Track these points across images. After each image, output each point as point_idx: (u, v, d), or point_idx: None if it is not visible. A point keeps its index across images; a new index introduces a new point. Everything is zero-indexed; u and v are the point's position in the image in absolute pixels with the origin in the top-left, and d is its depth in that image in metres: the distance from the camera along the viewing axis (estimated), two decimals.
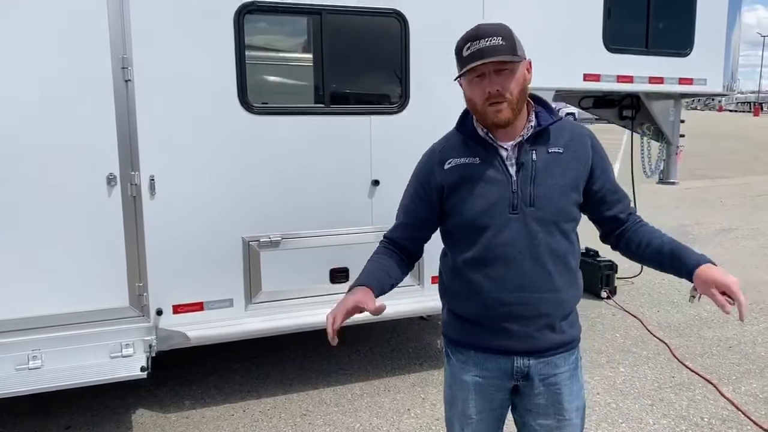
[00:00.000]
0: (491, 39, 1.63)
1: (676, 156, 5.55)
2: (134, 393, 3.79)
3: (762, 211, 10.03)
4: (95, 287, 3.22)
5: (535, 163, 1.72)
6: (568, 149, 1.76)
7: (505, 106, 1.67)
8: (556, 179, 1.72)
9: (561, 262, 1.75)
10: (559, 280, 1.75)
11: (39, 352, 3.15)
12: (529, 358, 1.78)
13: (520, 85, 1.68)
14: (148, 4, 3.12)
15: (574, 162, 1.75)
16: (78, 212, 3.14)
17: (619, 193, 1.86)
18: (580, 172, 1.76)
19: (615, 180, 1.85)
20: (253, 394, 3.86)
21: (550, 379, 1.81)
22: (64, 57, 3.02)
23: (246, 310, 3.52)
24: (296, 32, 3.83)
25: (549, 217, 1.72)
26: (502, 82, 1.66)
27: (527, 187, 1.71)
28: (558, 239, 1.74)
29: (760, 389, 3.91)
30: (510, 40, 1.66)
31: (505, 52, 1.63)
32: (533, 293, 1.73)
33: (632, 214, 1.89)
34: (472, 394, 1.85)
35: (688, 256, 1.75)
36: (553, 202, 1.72)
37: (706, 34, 4.76)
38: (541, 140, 1.75)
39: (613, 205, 1.85)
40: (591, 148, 1.79)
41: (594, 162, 1.78)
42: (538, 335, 1.76)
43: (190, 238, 3.35)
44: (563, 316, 1.79)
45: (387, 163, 3.67)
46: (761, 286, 6.06)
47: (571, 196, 1.75)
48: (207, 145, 3.33)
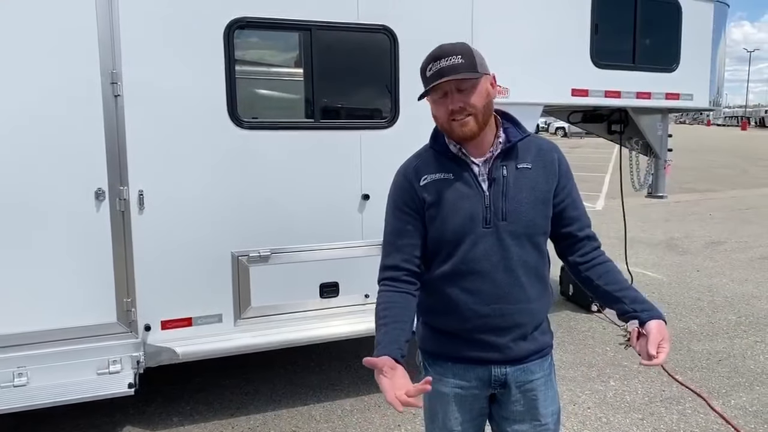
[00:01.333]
0: (450, 58, 1.68)
1: (664, 170, 5.60)
2: (122, 410, 3.75)
3: (750, 225, 10.11)
4: (83, 303, 3.20)
5: (506, 179, 1.76)
6: (536, 164, 1.79)
7: (470, 119, 1.71)
8: (525, 194, 1.76)
9: (533, 274, 1.80)
10: (532, 291, 1.79)
11: (25, 369, 3.11)
12: (506, 366, 1.82)
13: (483, 99, 1.72)
14: (138, 19, 3.13)
15: (542, 176, 1.79)
16: (66, 227, 3.12)
17: (579, 211, 1.87)
18: (548, 185, 1.79)
19: (577, 197, 1.87)
20: (243, 410, 3.83)
21: (526, 385, 1.85)
22: (54, 73, 3.02)
23: (235, 326, 3.50)
24: (286, 48, 3.85)
25: (520, 230, 1.75)
26: (464, 98, 1.70)
27: (499, 201, 1.74)
28: (529, 251, 1.78)
29: (749, 402, 3.92)
30: (469, 57, 1.70)
31: (464, 70, 1.68)
32: (509, 305, 1.77)
33: (591, 237, 1.88)
34: (453, 405, 1.87)
35: (644, 307, 1.76)
36: (524, 216, 1.75)
37: (692, 50, 4.82)
38: (510, 156, 1.78)
39: (572, 221, 1.85)
40: (557, 161, 1.82)
41: (560, 175, 1.82)
42: (513, 345, 1.80)
43: (179, 253, 3.34)
44: (536, 325, 1.84)
45: (377, 178, 3.67)
46: (750, 299, 6.09)
47: (541, 210, 1.78)
48: (196, 160, 3.33)
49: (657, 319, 1.72)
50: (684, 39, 4.78)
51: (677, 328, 5.32)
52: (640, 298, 1.78)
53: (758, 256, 7.93)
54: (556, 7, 4.24)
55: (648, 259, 7.79)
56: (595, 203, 12.04)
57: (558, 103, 4.51)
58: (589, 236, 1.87)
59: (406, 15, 3.66)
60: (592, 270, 1.84)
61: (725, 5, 5.10)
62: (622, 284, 1.82)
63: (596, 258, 1.86)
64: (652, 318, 1.72)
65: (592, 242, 1.88)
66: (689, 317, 5.60)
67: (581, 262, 1.86)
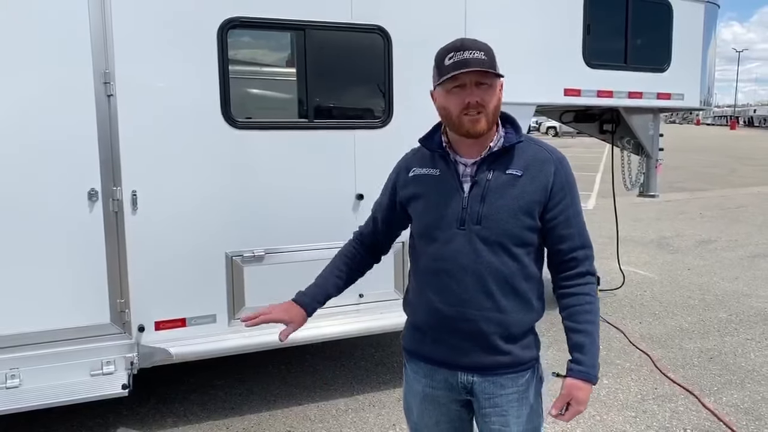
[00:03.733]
0: (474, 52, 1.66)
1: (656, 169, 5.64)
2: (115, 411, 3.73)
3: (740, 223, 10.20)
4: (76, 304, 3.18)
5: (488, 183, 1.72)
6: (527, 172, 1.73)
7: (482, 117, 1.69)
8: (507, 201, 1.70)
9: (506, 284, 1.73)
10: (504, 302, 1.73)
11: (17, 370, 3.09)
12: (473, 374, 1.78)
13: (496, 100, 1.71)
14: (130, 19, 3.12)
15: (530, 186, 1.72)
16: (59, 228, 3.10)
17: (573, 230, 1.76)
18: (536, 197, 1.72)
19: (574, 216, 1.77)
20: (237, 411, 3.82)
21: (494, 399, 1.79)
22: (46, 72, 3.00)
23: (229, 326, 3.49)
24: (280, 47, 3.85)
25: (494, 237, 1.71)
26: (482, 94, 1.68)
27: (476, 204, 1.72)
28: (504, 260, 1.72)
29: (740, 400, 3.95)
30: (491, 56, 1.68)
31: (488, 66, 1.66)
32: (473, 310, 1.73)
33: (578, 261, 1.78)
34: (426, 404, 1.88)
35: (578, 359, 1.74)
36: (500, 224, 1.70)
37: (682, 50, 4.86)
38: (501, 160, 1.74)
39: (562, 240, 1.76)
40: (553, 174, 1.73)
41: (553, 189, 1.73)
42: (479, 352, 1.76)
43: (173, 254, 3.32)
44: (507, 337, 1.76)
45: (371, 178, 3.66)
46: (741, 297, 6.15)
47: (522, 220, 1.71)
48: (190, 160, 3.32)
49: (577, 379, 1.71)
50: (675, 39, 4.81)
51: (669, 326, 5.36)
52: (581, 346, 1.74)
53: (748, 254, 7.99)
54: (549, 7, 4.26)
55: (639, 257, 7.84)
56: (587, 202, 12.10)
57: (551, 102, 4.53)
58: (576, 259, 1.78)
59: (399, 15, 3.67)
60: (564, 297, 1.79)
61: (715, 6, 5.15)
62: (577, 325, 1.76)
63: (572, 287, 1.78)
64: (574, 376, 1.72)
65: (578, 267, 1.78)
66: (681, 315, 5.64)
67: (559, 284, 1.81)
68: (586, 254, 1.79)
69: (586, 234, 1.80)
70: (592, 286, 1.79)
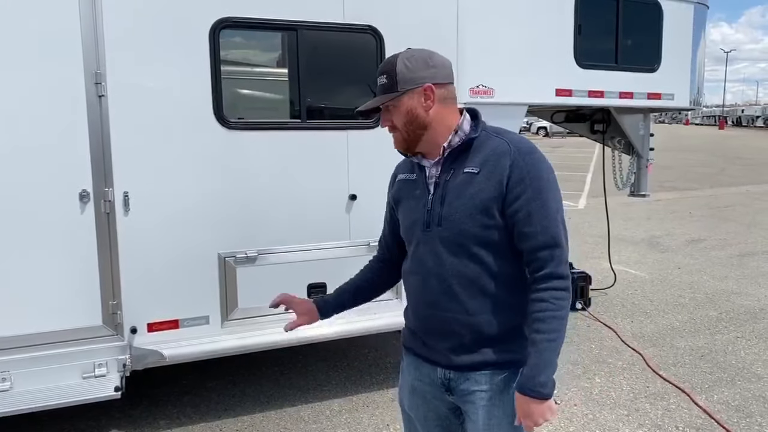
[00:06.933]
0: (380, 78, 1.72)
1: (646, 169, 5.66)
2: (108, 414, 3.71)
3: (729, 222, 10.28)
4: (67, 306, 3.15)
5: (447, 183, 1.71)
6: (484, 168, 1.66)
7: (397, 134, 1.75)
8: (464, 200, 1.66)
9: (472, 286, 1.69)
10: (471, 303, 1.69)
11: (8, 373, 3.07)
12: (450, 371, 1.78)
13: (403, 117, 1.71)
14: (122, 19, 3.10)
15: (486, 182, 1.65)
16: (50, 229, 3.08)
17: (534, 228, 1.62)
18: (491, 193, 1.64)
19: (537, 211, 1.62)
20: (230, 412, 3.81)
21: (468, 396, 1.77)
22: (37, 73, 2.98)
23: (222, 327, 3.48)
24: (272, 47, 3.84)
25: (453, 238, 1.68)
26: (388, 116, 1.74)
27: (437, 206, 1.71)
28: (465, 262, 1.68)
29: (731, 397, 3.98)
30: (391, 77, 1.69)
31: (383, 91, 1.71)
32: (441, 312, 1.74)
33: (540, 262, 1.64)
34: (414, 397, 1.90)
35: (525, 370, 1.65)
36: (457, 224, 1.67)
37: (672, 50, 4.88)
38: (461, 158, 1.71)
39: (523, 238, 1.65)
40: (509, 167, 1.63)
41: (510, 183, 1.62)
42: (453, 353, 1.75)
43: (165, 255, 3.31)
44: (480, 338, 1.71)
45: (364, 178, 3.68)
46: (731, 296, 6.20)
47: (479, 219, 1.65)
48: (182, 161, 3.30)
49: (518, 391, 1.64)
50: (665, 40, 4.84)
51: (660, 325, 5.39)
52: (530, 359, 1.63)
53: (737, 253, 8.06)
54: (541, 7, 4.27)
55: (630, 256, 7.88)
56: (578, 202, 12.16)
57: (542, 103, 4.55)
58: (539, 259, 1.64)
59: (391, 15, 3.67)
60: (529, 302, 1.67)
61: (705, 6, 5.18)
62: (529, 334, 1.66)
63: (534, 291, 1.65)
64: (518, 386, 1.65)
65: (542, 269, 1.64)
66: (672, 314, 5.68)
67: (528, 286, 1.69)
68: (551, 255, 1.63)
69: (556, 231, 1.64)
70: (555, 291, 1.63)
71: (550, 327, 1.62)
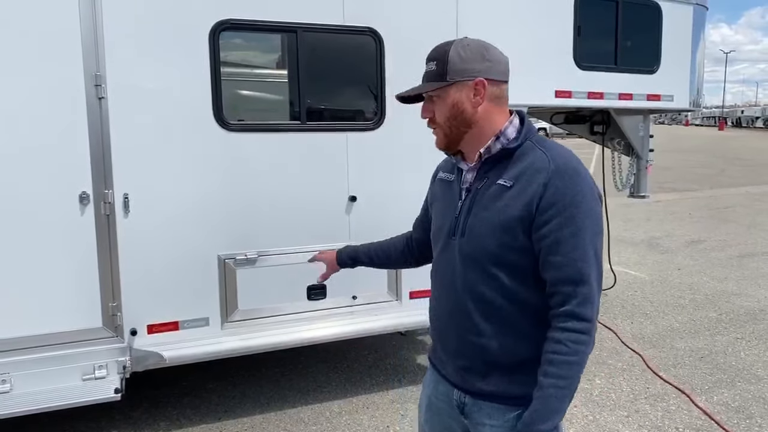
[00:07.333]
0: (429, 64, 1.59)
1: (646, 170, 5.67)
2: (108, 415, 3.71)
3: (729, 224, 10.28)
4: (67, 308, 3.15)
5: (478, 191, 1.58)
6: (518, 183, 1.51)
7: (438, 132, 1.61)
8: (489, 214, 1.53)
9: (487, 306, 1.55)
10: (484, 325, 1.56)
11: (8, 375, 3.07)
12: (465, 395, 1.66)
13: (447, 110, 1.57)
14: (122, 20, 3.10)
15: (515, 199, 1.49)
16: (50, 231, 3.08)
17: (560, 258, 1.45)
18: (518, 212, 1.48)
19: (565, 240, 1.45)
20: (230, 414, 3.81)
21: (480, 428, 1.63)
22: (37, 75, 2.98)
23: (222, 329, 3.48)
24: (272, 50, 3.84)
25: (471, 252, 1.56)
26: (431, 107, 1.60)
27: (464, 215, 1.59)
28: (482, 280, 1.55)
29: (731, 398, 3.98)
30: (441, 64, 1.55)
31: (431, 79, 1.57)
32: (456, 326, 1.62)
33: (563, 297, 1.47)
34: (430, 412, 1.81)
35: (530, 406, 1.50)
36: (479, 239, 1.54)
37: (672, 52, 4.89)
38: (499, 167, 1.56)
39: (547, 267, 1.48)
40: (543, 186, 1.46)
41: (541, 205, 1.46)
42: (466, 373, 1.63)
43: (165, 257, 3.31)
44: (491, 363, 1.58)
45: (364, 179, 3.68)
46: (730, 297, 6.20)
47: (500, 237, 1.50)
48: (182, 163, 3.30)
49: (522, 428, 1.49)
50: (664, 41, 4.85)
51: (660, 326, 5.39)
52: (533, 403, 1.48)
53: (737, 254, 8.06)
54: (540, 9, 4.28)
55: (630, 258, 7.89)
56: None
57: (542, 104, 4.55)
58: (559, 293, 1.47)
59: (391, 17, 3.67)
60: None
61: (704, 8, 5.19)
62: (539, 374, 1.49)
63: (552, 329, 1.48)
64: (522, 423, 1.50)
65: (562, 305, 1.47)
66: (671, 315, 5.68)
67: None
68: (574, 291, 1.45)
69: (584, 266, 1.46)
70: (572, 334, 1.45)
71: (561, 372, 1.45)
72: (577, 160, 1.53)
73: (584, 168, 1.53)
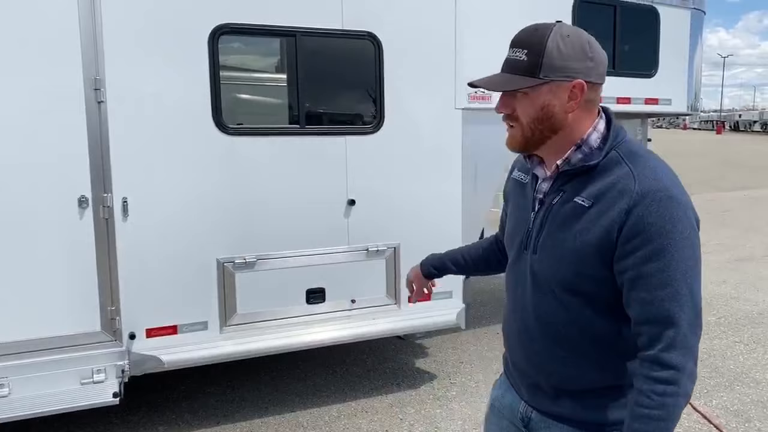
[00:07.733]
0: (516, 51, 1.35)
1: None
2: (106, 420, 3.70)
3: (728, 228, 10.29)
4: (66, 311, 3.15)
5: (552, 207, 1.38)
6: (598, 203, 1.30)
7: (515, 131, 1.38)
8: (564, 236, 1.34)
9: (555, 332, 1.41)
10: (552, 350, 1.42)
11: (6, 379, 3.06)
12: (532, 409, 1.52)
13: (534, 111, 1.33)
14: (121, 25, 3.11)
15: (594, 223, 1.30)
16: (49, 235, 3.08)
17: (643, 295, 1.26)
18: (597, 239, 1.29)
19: (651, 276, 1.24)
20: (229, 418, 3.80)
21: None
22: (36, 79, 2.98)
23: (221, 333, 3.48)
24: (271, 54, 3.86)
25: (543, 275, 1.40)
26: (513, 103, 1.36)
27: (536, 230, 1.42)
28: (550, 303, 1.39)
29: (730, 402, 3.98)
30: (534, 56, 1.31)
31: (519, 72, 1.32)
32: (522, 348, 1.51)
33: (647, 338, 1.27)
34: (493, 416, 1.69)
35: None
36: (552, 263, 1.37)
37: (670, 56, 4.91)
38: (578, 180, 1.36)
39: (630, 303, 1.30)
40: (626, 213, 1.25)
41: (623, 234, 1.25)
42: (534, 391, 1.51)
43: (164, 261, 3.31)
44: (559, 387, 1.45)
45: (363, 183, 3.68)
46: (729, 300, 6.20)
47: (574, 265, 1.33)
48: (181, 167, 3.31)
49: None
50: (662, 45, 4.87)
51: None
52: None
53: (735, 257, 8.07)
54: (539, 12, 4.28)
55: None
56: None
57: None
58: (642, 335, 1.28)
59: (390, 21, 3.68)
60: None
61: (702, 12, 5.21)
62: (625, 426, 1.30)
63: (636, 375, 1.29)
64: None
65: (646, 348, 1.27)
66: None
67: None
68: (659, 334, 1.24)
69: (673, 306, 1.24)
70: (656, 385, 1.24)
71: (643, 428, 1.25)
72: (671, 178, 1.30)
73: (680, 188, 1.29)
